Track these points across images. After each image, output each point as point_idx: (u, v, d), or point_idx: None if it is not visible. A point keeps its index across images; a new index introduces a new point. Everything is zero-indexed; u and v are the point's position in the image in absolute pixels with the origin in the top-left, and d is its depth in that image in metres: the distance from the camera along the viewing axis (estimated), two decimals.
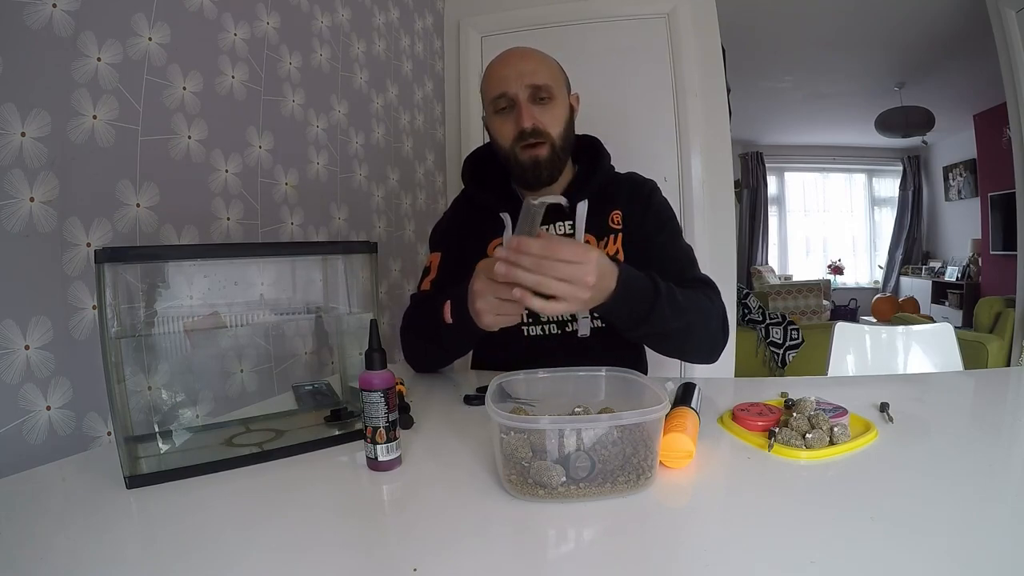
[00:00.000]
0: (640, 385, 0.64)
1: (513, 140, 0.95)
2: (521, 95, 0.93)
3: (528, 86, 0.93)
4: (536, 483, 0.51)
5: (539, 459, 0.52)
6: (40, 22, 0.75)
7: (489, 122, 1.00)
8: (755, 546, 0.43)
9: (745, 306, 2.94)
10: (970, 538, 0.43)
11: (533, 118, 0.93)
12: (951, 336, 1.39)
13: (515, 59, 0.96)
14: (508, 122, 0.95)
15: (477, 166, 1.09)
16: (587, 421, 0.53)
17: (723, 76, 2.10)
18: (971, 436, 0.67)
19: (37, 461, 0.64)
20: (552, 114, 0.95)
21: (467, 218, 1.06)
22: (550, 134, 0.94)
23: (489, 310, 0.76)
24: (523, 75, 0.93)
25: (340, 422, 0.75)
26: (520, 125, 0.93)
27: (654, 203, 1.03)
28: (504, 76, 0.94)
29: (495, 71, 0.97)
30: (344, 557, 0.44)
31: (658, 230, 1.00)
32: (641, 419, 0.52)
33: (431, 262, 1.05)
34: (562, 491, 0.51)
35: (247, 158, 1.14)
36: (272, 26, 1.21)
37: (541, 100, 0.94)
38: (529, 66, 0.94)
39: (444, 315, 0.85)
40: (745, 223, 6.77)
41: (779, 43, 3.86)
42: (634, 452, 0.53)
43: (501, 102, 0.95)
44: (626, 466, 0.52)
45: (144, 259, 0.65)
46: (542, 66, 0.96)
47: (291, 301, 0.77)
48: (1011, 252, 3.39)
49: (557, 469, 0.51)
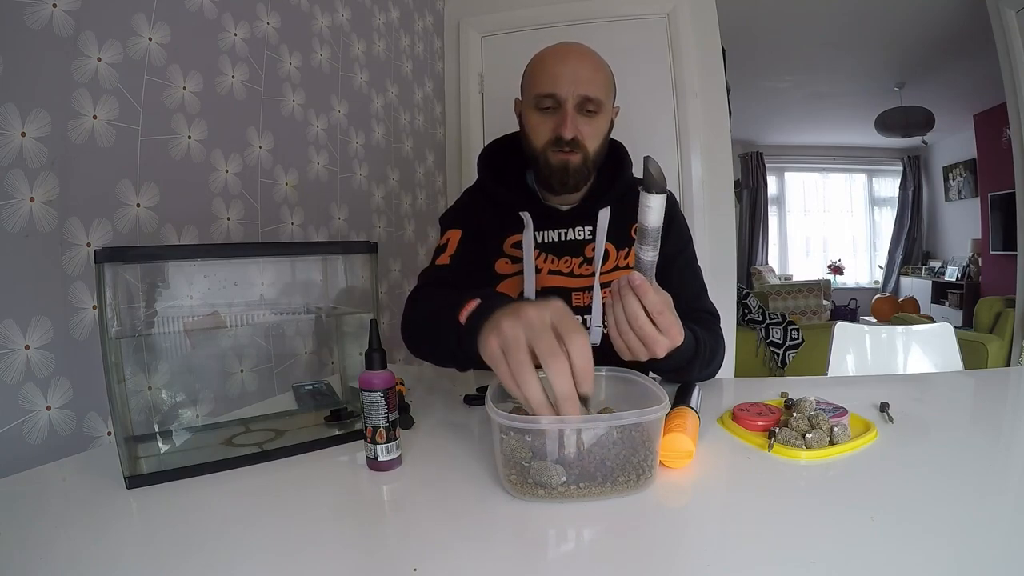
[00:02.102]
0: (641, 386, 0.64)
1: (548, 143, 0.91)
2: (570, 101, 0.88)
3: (580, 95, 0.88)
4: (536, 483, 0.51)
5: (539, 459, 0.52)
6: (40, 22, 0.75)
7: (526, 113, 0.94)
8: (755, 546, 0.43)
9: (745, 306, 2.94)
10: (970, 537, 0.43)
11: (576, 129, 0.89)
12: (951, 336, 1.39)
13: (573, 60, 0.90)
14: (548, 122, 0.91)
15: (493, 158, 1.04)
16: (586, 421, 0.53)
17: (723, 76, 2.10)
18: (971, 436, 0.67)
19: (37, 461, 0.64)
20: (595, 128, 0.92)
21: (484, 209, 1.01)
22: (587, 147, 0.91)
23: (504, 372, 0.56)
24: (578, 81, 0.88)
25: (340, 422, 0.75)
26: (560, 132, 0.89)
27: (676, 223, 1.00)
28: (558, 75, 0.89)
29: (549, 66, 0.91)
30: (344, 557, 0.44)
31: (678, 252, 0.99)
32: (640, 419, 0.52)
33: (448, 239, 0.98)
34: (562, 491, 0.51)
35: (247, 158, 1.14)
36: (272, 26, 1.21)
37: (588, 112, 0.90)
38: (585, 72, 0.89)
39: (460, 314, 0.67)
40: (745, 223, 6.77)
41: (779, 43, 3.86)
42: (634, 452, 0.53)
43: (547, 101, 0.90)
44: (626, 466, 0.52)
45: (144, 259, 0.65)
46: (598, 75, 0.91)
47: (291, 301, 0.77)
48: (1011, 252, 3.39)
49: (557, 469, 0.51)
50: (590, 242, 0.97)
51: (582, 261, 0.98)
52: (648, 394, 0.60)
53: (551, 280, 0.98)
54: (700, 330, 0.82)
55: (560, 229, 0.99)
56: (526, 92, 0.95)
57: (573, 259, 0.98)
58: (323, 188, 1.38)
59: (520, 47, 2.16)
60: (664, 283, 0.92)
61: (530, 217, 0.96)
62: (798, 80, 4.62)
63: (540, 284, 0.98)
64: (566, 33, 2.11)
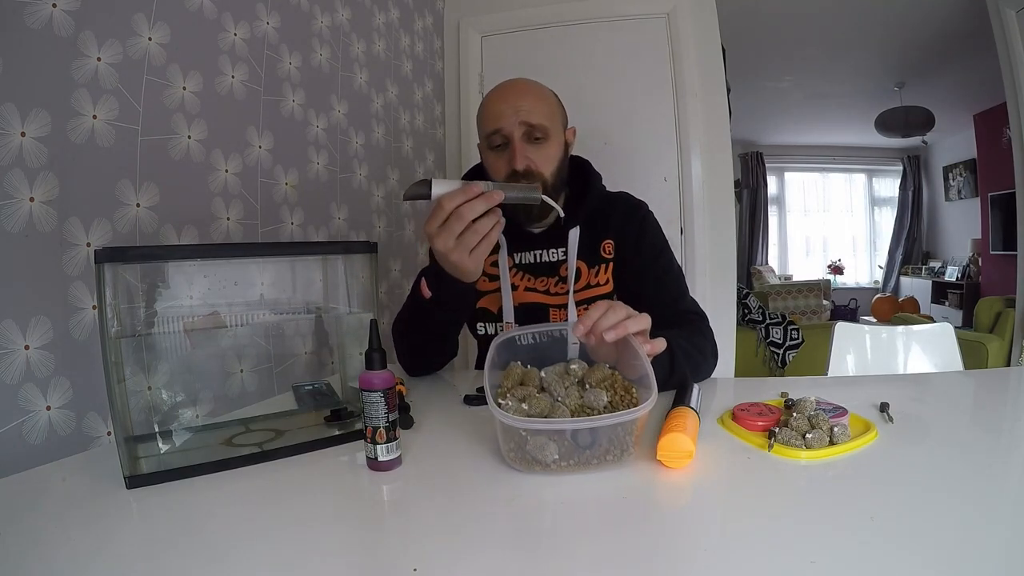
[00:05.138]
0: (641, 366, 0.64)
1: (505, 179, 0.94)
2: (516, 133, 0.92)
3: (523, 123, 0.92)
4: (533, 459, 0.55)
5: (535, 435, 0.55)
6: (40, 22, 0.75)
7: (483, 154, 1.00)
8: (755, 546, 0.43)
9: (745, 306, 2.94)
10: (970, 538, 0.43)
11: (527, 159, 0.93)
12: (951, 336, 1.39)
13: (512, 94, 0.95)
14: (501, 160, 0.95)
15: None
16: (575, 423, 0.56)
17: (723, 76, 2.10)
18: (971, 436, 0.67)
19: (37, 461, 0.64)
20: (545, 154, 0.95)
21: None
22: (542, 174, 0.94)
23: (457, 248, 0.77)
24: (519, 112, 0.92)
25: (340, 422, 0.75)
26: (513, 166, 0.93)
27: (647, 232, 1.02)
28: (499, 112, 0.94)
29: (491, 105, 0.96)
30: (344, 557, 0.44)
31: (651, 261, 1.00)
32: (624, 419, 0.54)
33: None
34: (554, 467, 0.55)
35: (247, 158, 1.14)
36: (272, 26, 1.21)
37: (536, 140, 0.94)
38: (526, 103, 0.93)
39: (422, 291, 0.86)
40: (745, 223, 6.77)
41: (779, 43, 3.86)
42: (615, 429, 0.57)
43: (496, 139, 0.94)
44: (612, 438, 0.56)
45: (144, 259, 0.64)
46: (539, 103, 0.95)
47: (291, 301, 0.77)
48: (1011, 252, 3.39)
49: (551, 447, 0.54)
50: (564, 262, 1.01)
51: (557, 280, 1.02)
52: (644, 381, 0.62)
53: (528, 296, 1.02)
54: (678, 340, 0.82)
55: (535, 251, 1.03)
56: (479, 135, 0.99)
57: (549, 279, 1.02)
58: (323, 188, 1.38)
59: (520, 47, 2.17)
60: (640, 293, 0.95)
61: (504, 240, 1.00)
62: (798, 80, 4.63)
63: (518, 300, 1.02)
64: (566, 33, 2.11)
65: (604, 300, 0.71)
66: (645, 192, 1.11)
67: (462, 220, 0.75)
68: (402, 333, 1.01)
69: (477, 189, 0.75)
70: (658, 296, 0.97)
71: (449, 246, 0.77)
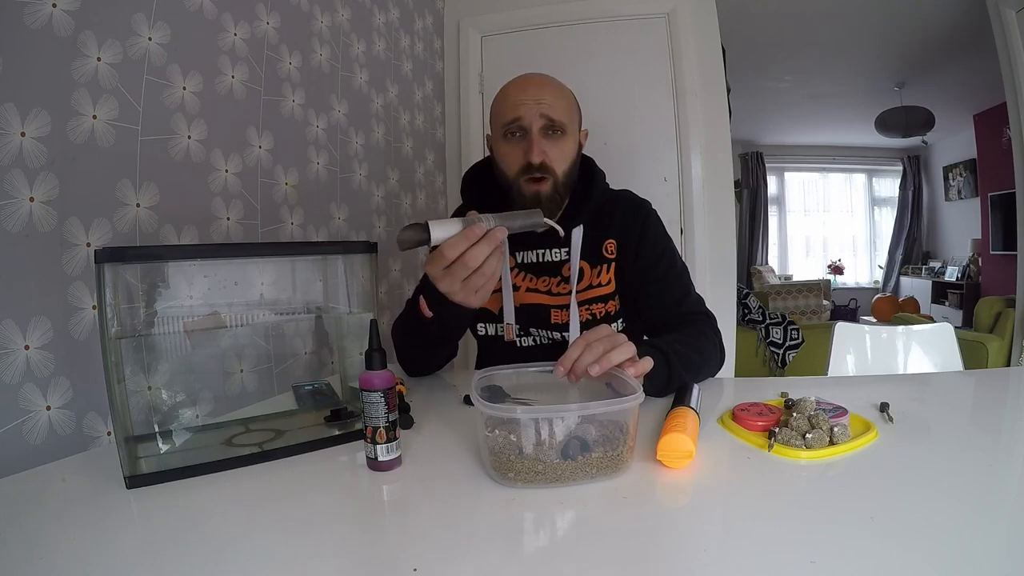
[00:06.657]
0: (620, 380, 0.66)
1: (519, 171, 0.93)
2: (535, 125, 0.91)
3: (543, 116, 0.91)
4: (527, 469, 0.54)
5: (523, 457, 0.55)
6: (40, 22, 0.75)
7: (496, 145, 0.98)
8: (755, 546, 0.43)
9: (745, 306, 2.94)
10: (970, 538, 0.43)
11: (543, 153, 0.91)
12: (951, 336, 1.39)
13: (534, 86, 0.94)
14: (516, 151, 0.93)
15: (476, 183, 1.07)
16: (556, 411, 0.56)
17: (723, 76, 2.10)
18: (971, 436, 0.67)
19: (37, 461, 0.64)
20: (561, 150, 0.94)
21: None
22: (555, 171, 0.93)
23: (463, 290, 0.75)
24: (540, 104, 0.91)
25: (340, 422, 0.75)
26: (528, 158, 0.91)
27: (649, 233, 1.01)
28: (520, 102, 0.92)
29: (511, 94, 0.94)
30: (344, 557, 0.44)
31: (654, 262, 0.99)
32: (607, 408, 0.56)
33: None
34: (541, 471, 0.54)
35: (247, 158, 1.14)
36: (272, 26, 1.21)
37: (553, 135, 0.93)
38: (547, 97, 0.92)
39: (422, 310, 0.84)
40: (745, 223, 6.77)
41: (779, 43, 3.85)
42: (612, 435, 0.57)
43: (513, 128, 0.93)
44: (605, 444, 0.56)
45: (144, 259, 0.65)
46: (560, 99, 0.94)
47: (291, 301, 0.77)
48: (1011, 252, 3.39)
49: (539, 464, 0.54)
50: (566, 262, 1.00)
51: (559, 280, 1.01)
52: (626, 388, 0.63)
53: (529, 297, 1.01)
54: (675, 346, 0.82)
55: (537, 250, 1.02)
56: (494, 124, 0.98)
57: (551, 279, 1.01)
58: (323, 188, 1.38)
59: (520, 47, 2.17)
60: (642, 297, 0.94)
61: (506, 240, 0.98)
62: (798, 80, 4.62)
63: (519, 300, 1.01)
64: (566, 33, 2.11)
65: (581, 337, 0.70)
66: (645, 192, 1.11)
67: (467, 267, 0.72)
68: (402, 337, 1.01)
69: (480, 230, 0.71)
70: (660, 298, 0.97)
71: (454, 289, 0.75)
